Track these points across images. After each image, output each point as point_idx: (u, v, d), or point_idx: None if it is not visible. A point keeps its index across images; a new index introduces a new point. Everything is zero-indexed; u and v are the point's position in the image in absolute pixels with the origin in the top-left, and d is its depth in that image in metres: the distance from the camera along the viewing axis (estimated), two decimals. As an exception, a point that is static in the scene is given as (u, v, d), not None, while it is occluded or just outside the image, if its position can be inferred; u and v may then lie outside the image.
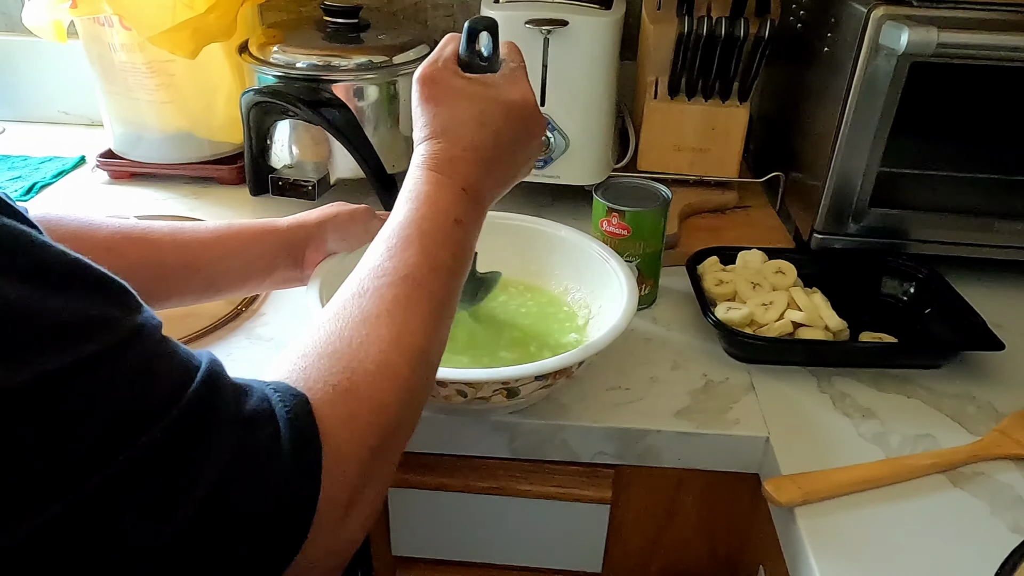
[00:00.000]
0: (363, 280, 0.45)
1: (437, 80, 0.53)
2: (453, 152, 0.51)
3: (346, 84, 0.91)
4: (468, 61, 0.55)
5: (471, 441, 0.66)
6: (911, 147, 0.81)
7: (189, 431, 0.33)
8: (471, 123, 0.52)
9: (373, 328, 0.43)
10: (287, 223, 0.66)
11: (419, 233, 0.48)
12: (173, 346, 0.35)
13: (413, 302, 0.45)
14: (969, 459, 0.61)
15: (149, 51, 0.94)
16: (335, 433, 0.38)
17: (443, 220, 0.49)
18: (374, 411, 0.40)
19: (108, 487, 0.30)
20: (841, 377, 0.70)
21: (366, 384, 0.40)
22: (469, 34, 0.54)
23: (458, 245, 0.49)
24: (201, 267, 0.62)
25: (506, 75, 0.55)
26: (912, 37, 0.69)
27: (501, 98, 0.53)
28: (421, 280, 0.46)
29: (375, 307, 0.44)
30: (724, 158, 0.95)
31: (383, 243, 0.48)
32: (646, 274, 0.77)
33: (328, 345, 0.41)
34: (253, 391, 0.37)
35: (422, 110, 0.53)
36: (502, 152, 0.53)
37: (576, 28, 0.85)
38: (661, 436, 0.64)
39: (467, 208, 0.50)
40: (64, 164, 1.10)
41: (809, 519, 0.55)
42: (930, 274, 0.79)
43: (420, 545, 0.76)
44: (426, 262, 0.46)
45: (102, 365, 0.31)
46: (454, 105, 0.52)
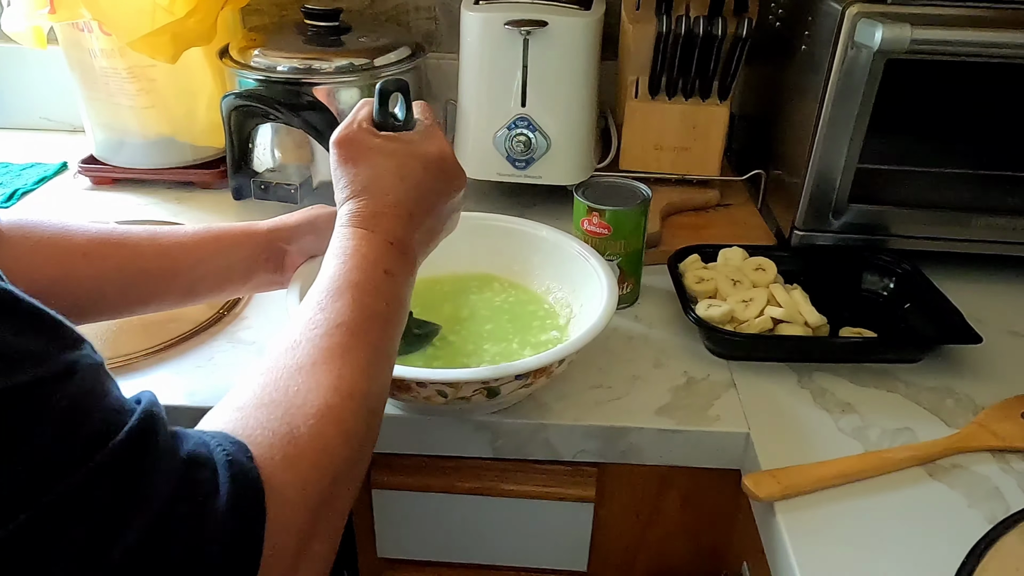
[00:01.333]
0: (295, 333, 0.44)
1: (354, 141, 0.53)
2: (376, 208, 0.51)
3: (327, 87, 0.91)
4: (383, 122, 0.56)
5: (453, 442, 0.66)
6: (889, 144, 0.82)
7: (120, 472, 0.31)
8: (391, 178, 0.52)
9: (310, 376, 0.41)
10: (267, 226, 0.66)
11: (349, 284, 0.47)
12: (109, 387, 0.34)
13: (349, 349, 0.44)
14: (947, 452, 0.61)
15: (129, 56, 0.94)
16: (279, 477, 0.36)
17: (372, 271, 0.49)
18: (318, 453, 0.39)
19: (30, 530, 0.29)
20: (821, 372, 0.71)
21: (307, 429, 0.39)
22: (381, 95, 0.55)
23: (391, 294, 0.49)
24: (181, 271, 0.61)
25: (421, 131, 0.56)
26: (886, 34, 0.70)
27: (418, 152, 0.54)
28: (355, 328, 0.45)
29: (310, 357, 0.43)
30: (705, 157, 0.96)
31: (314, 298, 0.47)
32: (627, 273, 0.77)
33: (264, 396, 0.40)
34: (189, 437, 0.36)
35: (342, 171, 0.53)
36: (424, 204, 0.54)
37: (556, 29, 0.85)
38: (643, 434, 0.65)
39: (396, 260, 0.50)
40: (46, 170, 1.10)
41: (788, 513, 0.56)
42: (909, 269, 0.80)
43: (406, 546, 0.76)
44: (359, 310, 0.46)
45: (30, 399, 0.30)
46: (373, 163, 0.53)
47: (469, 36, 0.89)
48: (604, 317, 0.62)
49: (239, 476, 0.35)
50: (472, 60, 0.90)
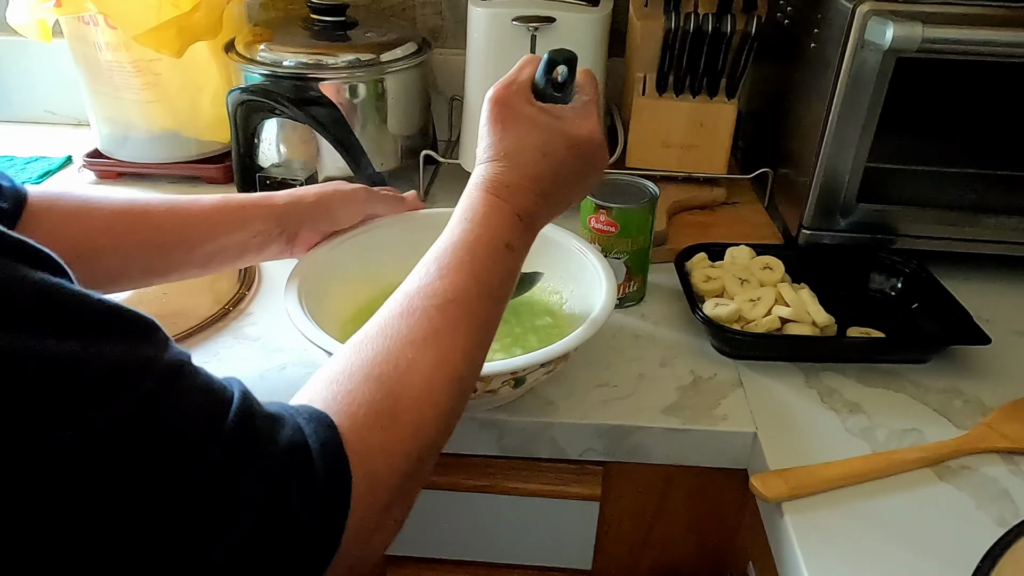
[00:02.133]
0: (412, 298, 0.46)
1: (508, 104, 0.53)
2: (513, 178, 0.52)
3: (333, 82, 0.90)
4: (542, 89, 0.55)
5: (459, 439, 0.66)
6: (898, 143, 0.82)
7: (224, 472, 0.33)
8: (534, 152, 0.52)
9: (419, 352, 0.43)
10: (284, 198, 0.66)
11: (471, 256, 0.48)
12: (205, 380, 0.35)
13: (460, 327, 0.45)
14: (955, 453, 0.61)
15: (135, 50, 0.94)
16: (371, 460, 0.38)
17: (495, 244, 0.49)
18: (413, 438, 0.40)
19: (145, 536, 0.31)
20: (828, 372, 0.70)
21: (408, 410, 0.40)
22: (548, 63, 0.55)
23: (507, 271, 0.50)
24: (201, 242, 0.63)
25: (577, 108, 0.55)
26: (897, 32, 0.69)
27: (567, 131, 0.53)
28: (469, 305, 0.46)
29: (422, 329, 0.44)
30: (712, 155, 0.96)
31: (435, 261, 0.48)
32: (634, 271, 0.77)
33: (375, 367, 0.41)
34: (285, 422, 0.37)
35: (489, 130, 0.53)
36: (561, 184, 0.54)
37: (563, 25, 0.85)
38: (649, 433, 0.64)
39: (519, 234, 0.51)
40: (50, 164, 1.09)
41: (796, 514, 0.55)
42: (917, 269, 0.79)
43: (410, 544, 0.76)
44: (475, 287, 0.47)
45: (143, 411, 0.31)
46: (521, 131, 0.52)
47: (476, 32, 0.89)
48: (610, 297, 0.63)
49: (330, 468, 0.36)
50: (479, 56, 0.90)
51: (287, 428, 0.36)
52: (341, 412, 0.39)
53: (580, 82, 0.57)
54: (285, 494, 0.34)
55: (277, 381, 0.68)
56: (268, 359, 0.71)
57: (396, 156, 0.99)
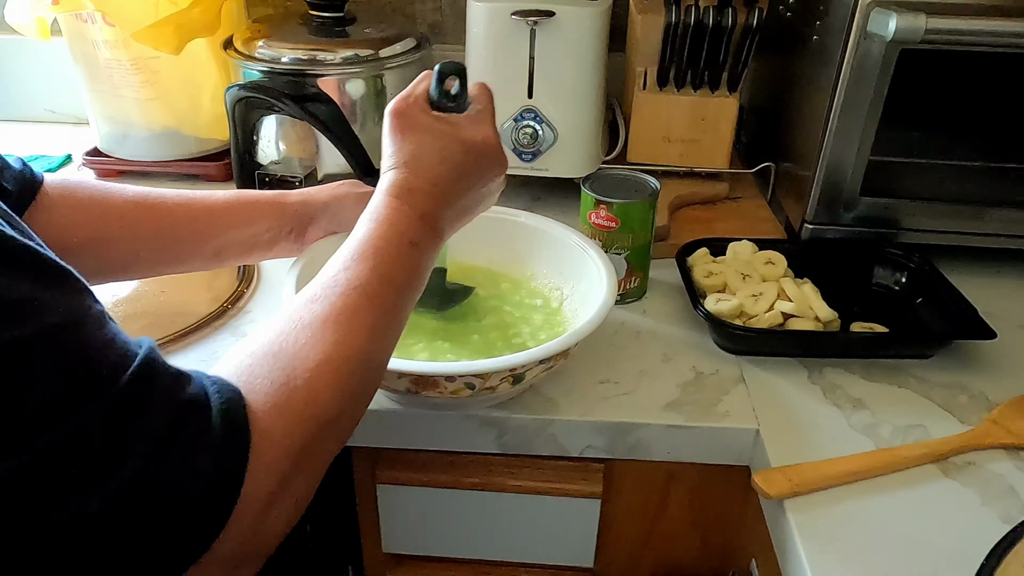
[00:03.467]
0: (317, 288, 0.48)
1: (405, 114, 0.56)
2: (414, 182, 0.54)
3: (332, 78, 0.90)
4: (436, 100, 0.58)
5: (459, 437, 0.66)
6: (901, 135, 0.81)
7: (122, 412, 0.35)
8: (432, 157, 0.55)
9: (319, 330, 0.45)
10: (295, 198, 0.69)
11: (374, 250, 0.50)
12: (113, 332, 0.37)
13: (361, 310, 0.47)
14: (960, 449, 0.60)
15: (133, 48, 0.93)
16: (266, 421, 0.40)
17: (399, 241, 0.52)
18: (307, 403, 0.42)
19: (36, 463, 0.32)
20: (832, 368, 0.70)
21: (303, 379, 0.42)
22: (439, 76, 0.58)
23: (412, 266, 0.52)
24: (210, 236, 0.65)
25: (471, 116, 0.58)
26: (900, 23, 0.68)
27: (462, 136, 0.56)
28: (371, 292, 0.48)
29: (323, 313, 0.46)
30: (714, 149, 0.95)
31: (340, 257, 0.50)
32: (635, 266, 0.76)
33: (275, 344, 0.44)
34: (191, 380, 0.39)
35: (390, 140, 0.56)
36: (461, 187, 0.56)
37: (563, 19, 0.84)
38: (651, 429, 0.64)
39: (423, 234, 0.53)
40: (50, 163, 1.09)
41: (799, 511, 0.55)
42: (921, 263, 0.79)
43: (410, 542, 0.76)
44: (377, 277, 0.49)
45: (41, 344, 0.33)
46: (419, 140, 0.56)
47: (475, 27, 0.88)
48: (608, 294, 0.63)
49: (230, 420, 0.38)
50: (478, 51, 0.89)
51: (191, 385, 0.38)
52: (242, 383, 0.41)
53: (473, 93, 0.60)
54: (179, 444, 0.36)
55: (276, 379, 0.68)
56: (267, 357, 0.70)
57: (396, 152, 0.98)
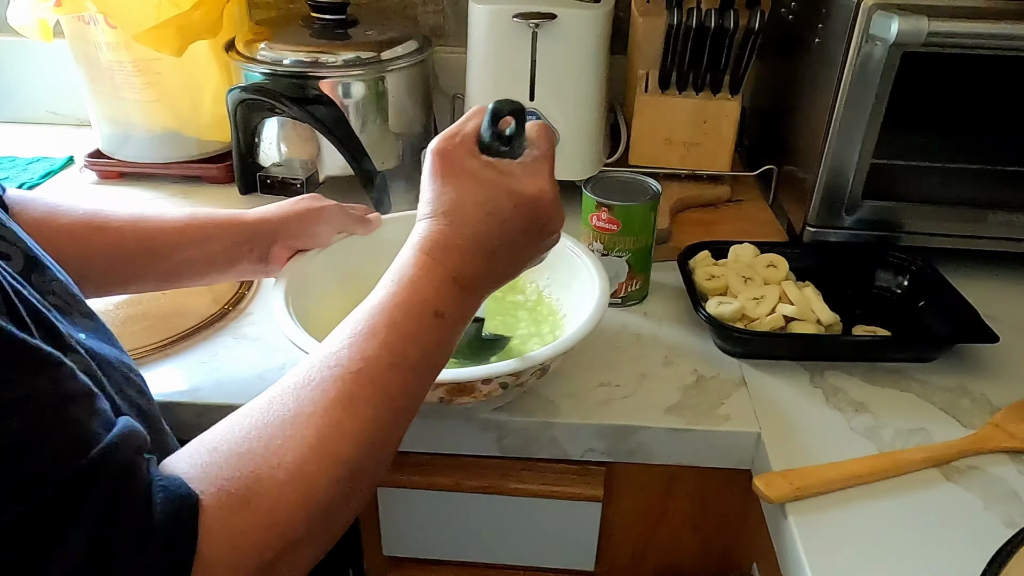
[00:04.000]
0: (312, 368, 0.42)
1: (450, 156, 0.49)
2: (451, 238, 0.47)
3: (334, 80, 0.90)
4: (488, 143, 0.50)
5: (460, 440, 0.65)
6: (903, 138, 0.81)
7: (51, 517, 0.31)
8: (477, 211, 0.47)
9: (300, 429, 0.39)
10: (252, 216, 0.66)
11: (388, 323, 0.44)
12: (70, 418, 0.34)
13: (358, 403, 0.41)
14: (963, 453, 0.60)
15: (135, 49, 0.93)
16: (216, 546, 0.35)
17: (419, 311, 0.45)
18: (268, 527, 0.36)
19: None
20: (834, 371, 0.69)
21: (267, 497, 0.37)
22: (493, 115, 0.50)
23: (432, 341, 0.45)
24: (161, 255, 0.62)
25: (527, 164, 0.50)
26: (902, 26, 0.68)
27: (514, 188, 0.48)
28: (377, 378, 0.42)
29: (312, 403, 0.40)
30: (716, 152, 0.95)
31: (347, 327, 0.44)
32: (636, 269, 0.76)
33: (245, 441, 0.38)
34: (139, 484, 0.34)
35: (430, 184, 0.49)
36: (506, 246, 0.49)
37: (565, 21, 0.84)
38: (652, 433, 0.64)
39: (454, 300, 0.46)
40: (52, 165, 1.09)
41: (800, 515, 0.55)
42: (924, 266, 0.78)
43: (411, 545, 0.75)
44: (386, 357, 0.42)
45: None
46: (463, 187, 0.48)
47: (477, 29, 0.88)
48: (598, 307, 0.62)
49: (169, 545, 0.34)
50: (480, 53, 0.89)
51: (137, 491, 0.34)
52: (198, 487, 0.36)
53: (532, 136, 0.51)
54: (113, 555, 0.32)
55: (276, 381, 0.68)
56: (267, 359, 0.70)
57: (397, 155, 0.98)
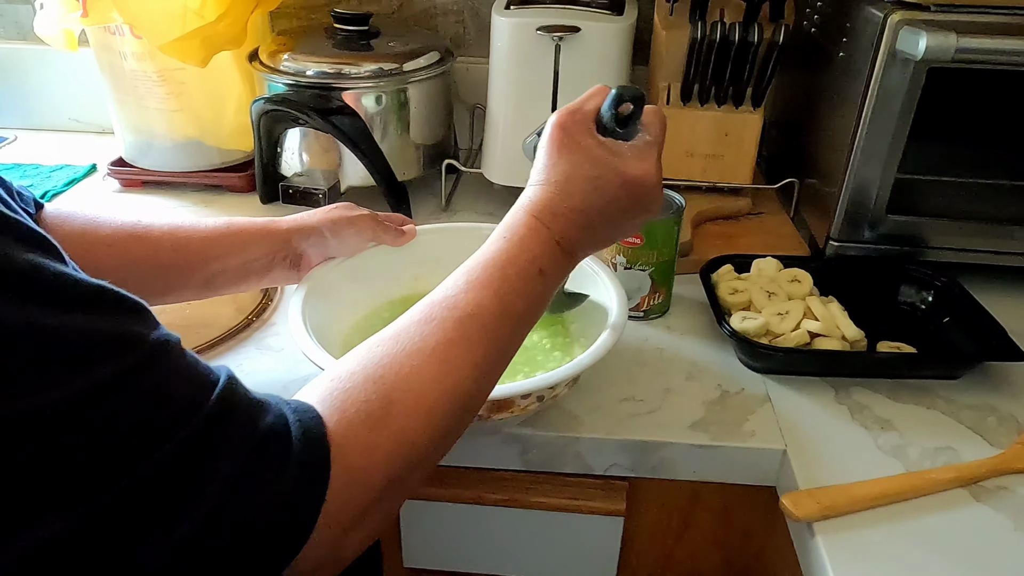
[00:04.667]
0: (432, 307, 0.46)
1: (569, 130, 0.52)
2: (560, 206, 0.51)
3: (356, 91, 0.90)
4: (605, 123, 0.54)
5: (483, 453, 0.65)
6: (929, 153, 0.80)
7: (198, 449, 0.34)
8: (586, 184, 0.51)
9: (425, 361, 0.43)
10: (287, 224, 0.67)
11: (501, 275, 0.48)
12: (191, 362, 0.37)
13: (473, 343, 0.45)
14: (991, 473, 0.59)
15: (159, 59, 0.94)
16: (352, 458, 0.39)
17: (528, 267, 0.49)
18: (398, 444, 0.41)
19: (116, 503, 0.32)
20: (859, 388, 0.69)
21: (399, 416, 0.41)
22: (616, 99, 0.54)
23: (536, 295, 0.50)
24: (199, 265, 0.63)
25: (637, 146, 0.54)
26: (930, 43, 0.68)
27: (622, 168, 0.52)
28: (488, 322, 0.46)
29: (434, 339, 0.44)
30: (737, 164, 0.94)
31: (464, 274, 0.48)
32: (659, 282, 0.76)
33: (377, 368, 0.42)
34: (270, 409, 0.38)
35: (546, 153, 0.53)
36: (607, 219, 0.53)
37: (588, 34, 0.84)
38: (676, 448, 0.63)
39: (556, 261, 0.51)
40: (75, 172, 1.10)
41: (828, 534, 0.54)
42: (949, 282, 0.78)
43: (432, 556, 0.75)
44: (498, 306, 0.47)
45: (119, 386, 0.33)
46: (576, 161, 0.52)
47: (500, 41, 0.88)
48: (610, 334, 0.61)
49: (309, 458, 0.37)
50: (502, 65, 0.89)
51: (270, 415, 0.37)
52: (333, 408, 0.40)
53: (646, 121, 0.55)
54: (258, 474, 0.35)
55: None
56: (291, 370, 0.70)
57: (418, 165, 0.98)
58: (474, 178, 1.00)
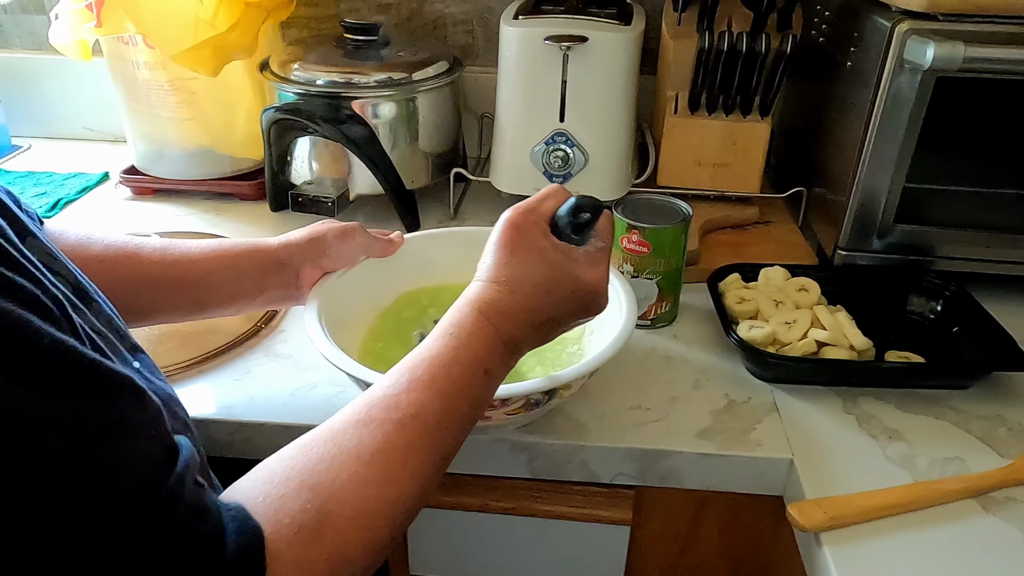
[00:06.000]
0: (372, 407, 0.44)
1: (523, 231, 0.52)
2: (509, 306, 0.50)
3: (366, 101, 0.91)
4: (561, 228, 0.54)
5: (490, 461, 0.66)
6: (937, 162, 0.80)
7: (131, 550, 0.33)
8: (537, 288, 0.51)
9: (365, 467, 0.41)
10: (277, 242, 0.66)
11: (446, 374, 0.46)
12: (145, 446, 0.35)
13: (415, 448, 0.43)
14: (1000, 484, 0.59)
15: (172, 69, 0.95)
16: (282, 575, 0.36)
17: (474, 368, 0.48)
18: (333, 559, 0.38)
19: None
20: (867, 397, 0.69)
21: (335, 531, 0.39)
22: (575, 208, 0.54)
23: (479, 396, 0.49)
24: (188, 284, 0.63)
25: (590, 253, 0.54)
26: (938, 52, 0.68)
27: (574, 275, 0.52)
28: (432, 426, 0.44)
29: (374, 443, 0.42)
30: (745, 173, 0.95)
31: (406, 372, 0.47)
32: (666, 291, 0.76)
33: (313, 474, 0.40)
34: (209, 515, 0.36)
35: (497, 251, 0.52)
36: (554, 322, 0.53)
37: (596, 44, 0.84)
38: (683, 457, 0.63)
39: (501, 360, 0.50)
40: (88, 180, 1.11)
41: (835, 545, 0.54)
42: (957, 291, 0.78)
43: (438, 564, 0.75)
44: (442, 408, 0.45)
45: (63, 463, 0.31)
46: (529, 263, 0.51)
47: (508, 50, 0.89)
48: (619, 336, 0.61)
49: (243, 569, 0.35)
50: (510, 74, 0.90)
51: (208, 522, 0.36)
52: (267, 517, 0.37)
53: (599, 228, 0.55)
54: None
55: (308, 399, 0.68)
56: (299, 377, 0.71)
57: (427, 174, 0.99)
58: (482, 187, 1.00)
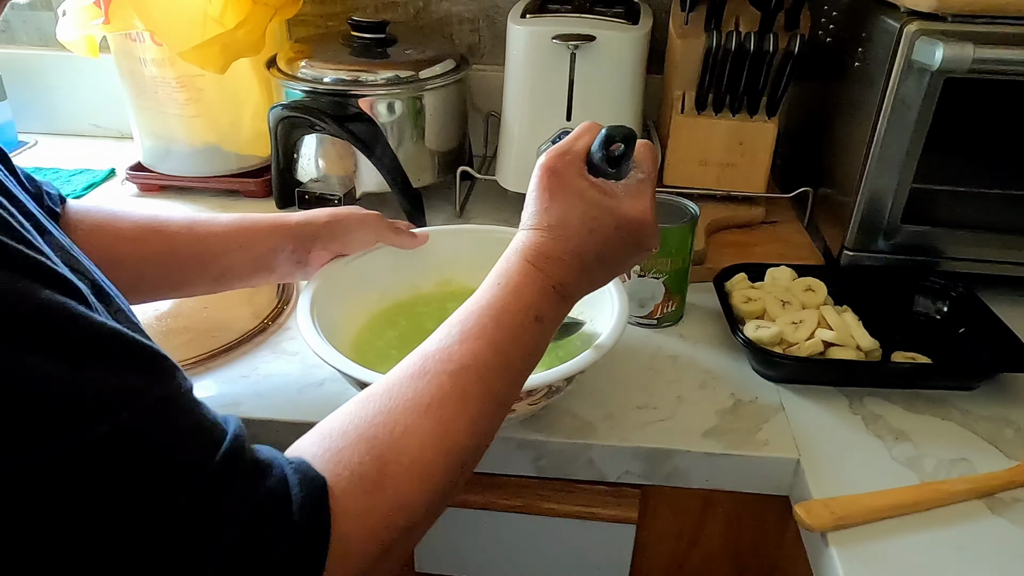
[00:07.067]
0: (426, 359, 0.44)
1: (559, 173, 0.51)
2: (554, 250, 0.50)
3: (373, 98, 0.91)
4: (596, 163, 0.53)
5: (496, 459, 0.66)
6: (945, 163, 0.80)
7: (198, 514, 0.33)
8: (580, 227, 0.50)
9: (420, 418, 0.41)
10: (296, 219, 0.68)
11: (496, 324, 0.46)
12: (197, 416, 0.36)
13: (469, 398, 0.43)
14: (1007, 485, 0.59)
15: (179, 66, 0.95)
16: (347, 526, 0.37)
17: (524, 315, 0.47)
18: (395, 510, 0.39)
19: (112, 569, 0.31)
20: (873, 398, 0.69)
21: (394, 480, 0.39)
22: (606, 139, 0.52)
23: (532, 344, 0.48)
24: (213, 258, 0.64)
25: (630, 186, 0.53)
26: (947, 53, 0.68)
27: (616, 209, 0.51)
28: (483, 375, 0.44)
29: (429, 395, 0.42)
30: (752, 173, 0.94)
31: (458, 323, 0.46)
32: (673, 291, 0.76)
33: (370, 427, 0.41)
34: (272, 470, 0.37)
35: (536, 196, 0.52)
36: (603, 261, 0.52)
37: (603, 43, 0.85)
38: (690, 457, 0.63)
39: (552, 306, 0.49)
40: (95, 177, 1.12)
41: (842, 545, 0.54)
42: (964, 292, 0.78)
43: (444, 562, 0.76)
44: (494, 358, 0.45)
45: (122, 442, 0.32)
46: (569, 204, 0.51)
47: (515, 49, 0.89)
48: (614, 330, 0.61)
49: (308, 526, 0.36)
50: (518, 73, 0.90)
51: (271, 477, 0.36)
52: (326, 470, 0.38)
53: (638, 158, 0.54)
54: (259, 540, 0.34)
55: (315, 396, 0.68)
56: (307, 374, 0.71)
57: (433, 172, 0.99)
58: (488, 185, 1.00)
